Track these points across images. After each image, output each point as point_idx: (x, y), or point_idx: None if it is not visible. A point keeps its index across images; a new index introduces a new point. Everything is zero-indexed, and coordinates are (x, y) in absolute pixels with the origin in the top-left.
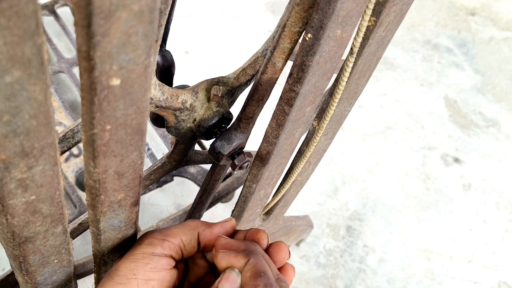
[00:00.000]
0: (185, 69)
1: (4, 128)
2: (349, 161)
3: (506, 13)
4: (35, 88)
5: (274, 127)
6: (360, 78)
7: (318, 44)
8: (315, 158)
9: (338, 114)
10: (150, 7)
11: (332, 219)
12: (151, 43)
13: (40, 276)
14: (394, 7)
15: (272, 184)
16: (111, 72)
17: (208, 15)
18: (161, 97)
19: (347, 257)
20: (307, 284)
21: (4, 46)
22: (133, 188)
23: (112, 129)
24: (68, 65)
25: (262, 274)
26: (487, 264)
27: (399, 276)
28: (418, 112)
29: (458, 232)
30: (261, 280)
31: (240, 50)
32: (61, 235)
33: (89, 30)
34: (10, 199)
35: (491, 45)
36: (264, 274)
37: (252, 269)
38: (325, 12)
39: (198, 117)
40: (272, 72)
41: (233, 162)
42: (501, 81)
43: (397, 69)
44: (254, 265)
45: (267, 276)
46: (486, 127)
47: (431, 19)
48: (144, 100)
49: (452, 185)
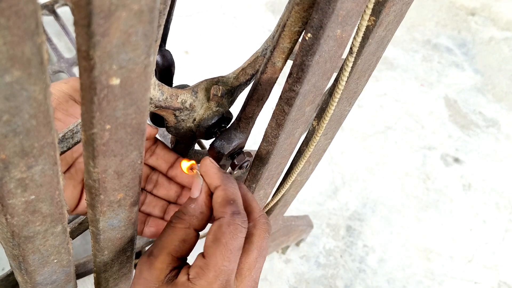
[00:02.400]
0: (185, 69)
1: (4, 128)
2: (349, 161)
3: (506, 13)
4: (35, 88)
5: (274, 127)
6: (360, 78)
7: (318, 44)
8: (315, 158)
9: (337, 114)
10: (149, 7)
11: (332, 219)
12: (151, 43)
13: (39, 276)
14: (394, 7)
15: (272, 184)
16: (110, 72)
17: (208, 15)
18: (161, 97)
19: (347, 257)
20: (307, 284)
21: (4, 46)
22: (133, 187)
23: (111, 129)
24: (68, 65)
25: (231, 202)
26: (487, 264)
27: (399, 276)
28: (418, 112)
29: (458, 232)
30: (230, 208)
31: (240, 50)
32: (61, 234)
33: (89, 29)
34: (9, 199)
35: (491, 45)
36: (233, 202)
37: (223, 195)
38: (325, 12)
39: (198, 117)
40: (272, 71)
41: (233, 161)
42: (501, 81)
43: (397, 69)
44: (225, 191)
45: (236, 205)
46: (486, 127)
47: (431, 19)
48: (144, 100)
49: (452, 185)
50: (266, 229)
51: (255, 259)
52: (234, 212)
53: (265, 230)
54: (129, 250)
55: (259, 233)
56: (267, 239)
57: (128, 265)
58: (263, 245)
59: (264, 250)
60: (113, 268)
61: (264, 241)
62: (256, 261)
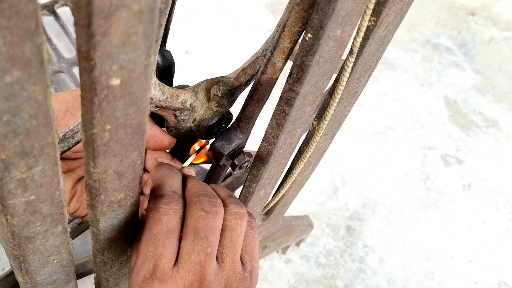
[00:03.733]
0: (185, 69)
1: (4, 128)
2: (349, 161)
3: (506, 13)
4: (35, 88)
5: (274, 127)
6: (360, 78)
7: (318, 44)
8: (315, 158)
9: (338, 114)
10: (150, 7)
11: (332, 219)
12: (151, 43)
13: (40, 276)
14: (394, 7)
15: (272, 184)
16: (111, 72)
17: (208, 15)
18: (161, 97)
19: (347, 257)
20: (307, 284)
21: (4, 46)
22: (133, 188)
23: (112, 129)
24: (68, 65)
25: (156, 187)
26: (487, 264)
27: (399, 276)
28: (418, 112)
29: (458, 232)
30: (153, 193)
31: (240, 50)
32: (61, 235)
33: (89, 30)
34: (10, 199)
35: (491, 45)
36: (158, 187)
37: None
38: (325, 12)
39: (198, 117)
40: (272, 72)
41: (233, 162)
42: (501, 81)
43: (397, 69)
44: (153, 180)
45: (160, 189)
46: (486, 127)
47: (431, 19)
48: (144, 100)
49: (452, 185)
50: (199, 207)
51: (192, 242)
52: (156, 196)
53: (198, 209)
54: (129, 250)
55: (191, 213)
56: (203, 218)
57: (128, 265)
58: (198, 225)
59: (202, 231)
60: (113, 268)
61: (199, 221)
62: (194, 243)
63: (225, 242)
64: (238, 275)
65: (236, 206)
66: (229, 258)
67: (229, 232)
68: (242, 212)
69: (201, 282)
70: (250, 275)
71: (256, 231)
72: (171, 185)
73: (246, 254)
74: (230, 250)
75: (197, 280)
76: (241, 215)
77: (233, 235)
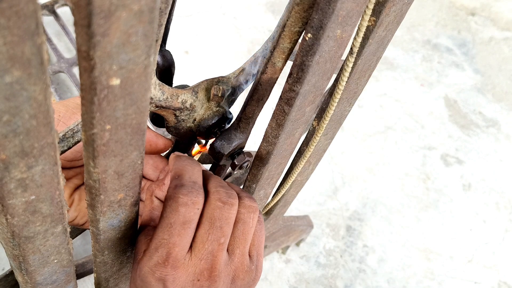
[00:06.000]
0: (185, 69)
1: (4, 128)
2: (349, 161)
3: (506, 13)
4: (35, 88)
5: (274, 127)
6: (360, 78)
7: (318, 44)
8: (315, 158)
9: (338, 114)
10: (150, 7)
11: (332, 219)
12: (151, 43)
13: (39, 276)
14: (394, 7)
15: (272, 184)
16: (111, 72)
17: (208, 15)
18: (161, 96)
19: (347, 257)
20: (307, 284)
21: (4, 46)
22: (133, 188)
23: (112, 129)
24: (68, 65)
25: (176, 177)
26: (487, 264)
27: (399, 276)
28: (418, 112)
29: (458, 232)
30: (173, 182)
31: (240, 50)
32: (61, 235)
33: (89, 30)
34: (10, 199)
35: (491, 45)
36: (178, 176)
37: (171, 175)
38: (325, 12)
39: (198, 117)
40: (272, 72)
41: (233, 162)
42: (501, 81)
43: (397, 69)
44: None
45: (180, 178)
46: (486, 127)
47: (431, 19)
48: (144, 100)
49: (452, 185)
50: (217, 197)
51: (207, 230)
52: (176, 186)
53: (216, 199)
54: (129, 250)
55: (209, 203)
56: (220, 208)
57: (128, 265)
58: (214, 215)
59: (218, 221)
60: (113, 268)
61: (216, 211)
62: (208, 232)
63: (237, 234)
64: (245, 267)
65: (250, 200)
66: (239, 250)
67: (242, 225)
68: (255, 206)
69: (211, 271)
70: (256, 269)
71: (263, 227)
72: (191, 175)
73: (254, 248)
74: (241, 242)
75: (207, 269)
76: (254, 209)
77: (245, 228)
